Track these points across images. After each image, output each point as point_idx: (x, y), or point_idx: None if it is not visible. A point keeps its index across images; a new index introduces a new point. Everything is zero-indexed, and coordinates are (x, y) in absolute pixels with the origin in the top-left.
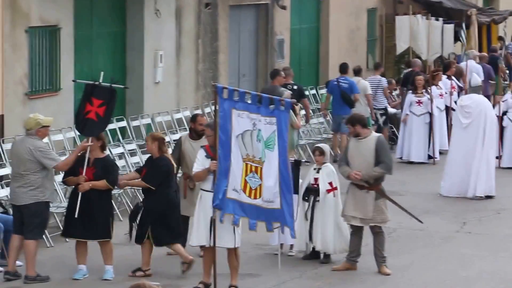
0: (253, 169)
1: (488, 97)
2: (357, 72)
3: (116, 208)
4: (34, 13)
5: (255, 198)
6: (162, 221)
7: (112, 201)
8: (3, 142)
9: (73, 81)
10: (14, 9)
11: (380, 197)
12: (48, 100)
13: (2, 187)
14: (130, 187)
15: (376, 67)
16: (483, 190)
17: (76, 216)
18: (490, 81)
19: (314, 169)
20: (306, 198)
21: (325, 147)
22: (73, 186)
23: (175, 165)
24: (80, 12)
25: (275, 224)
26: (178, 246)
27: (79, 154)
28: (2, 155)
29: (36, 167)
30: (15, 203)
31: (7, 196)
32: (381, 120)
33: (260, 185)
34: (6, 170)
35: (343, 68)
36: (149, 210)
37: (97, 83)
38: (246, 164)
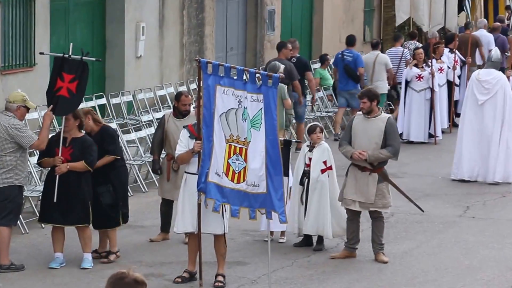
0: (237, 150)
1: (502, 70)
2: (375, 45)
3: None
4: None
5: (238, 182)
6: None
7: (90, 184)
8: None
9: (40, 53)
10: None
11: (382, 180)
12: (22, 76)
13: None
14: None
15: (396, 39)
16: (501, 176)
17: (54, 200)
18: (505, 53)
19: (307, 146)
20: (302, 181)
21: (320, 125)
22: (49, 168)
23: None
24: None
25: (260, 211)
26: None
27: (51, 128)
28: None
29: (11, 146)
30: None
31: None
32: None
33: (244, 167)
34: None
35: (350, 41)
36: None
37: (66, 55)
38: (230, 146)
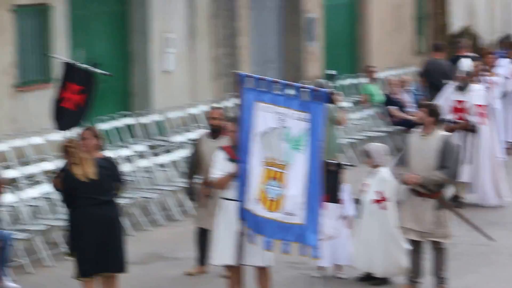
0: (275, 175)
1: None
2: (438, 49)
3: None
4: None
5: (273, 211)
6: None
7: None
8: None
9: (45, 55)
10: None
11: (441, 207)
12: (39, 93)
13: None
14: None
15: (437, 48)
16: None
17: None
18: None
19: (371, 172)
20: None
21: (375, 147)
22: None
23: None
24: None
25: (293, 245)
26: None
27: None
28: None
29: None
30: None
31: None
32: None
33: (281, 194)
34: None
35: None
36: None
37: (72, 62)
38: (267, 169)
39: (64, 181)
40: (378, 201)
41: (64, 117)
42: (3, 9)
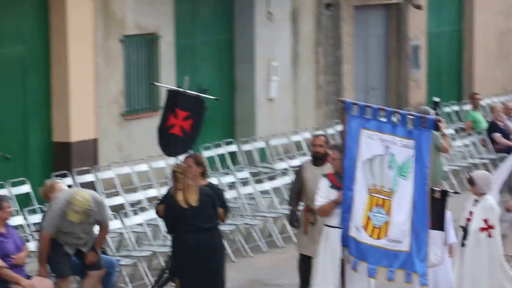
0: (380, 202)
1: None
2: None
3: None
4: (130, 19)
5: (378, 238)
6: None
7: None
8: (97, 171)
9: (151, 83)
10: (107, 15)
11: None
12: (146, 121)
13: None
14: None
15: None
16: None
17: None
18: None
19: (474, 200)
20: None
21: (478, 175)
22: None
23: None
24: (182, 18)
25: (397, 272)
26: None
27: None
28: (97, 185)
29: None
30: None
31: None
32: None
33: (386, 222)
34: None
35: None
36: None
37: (181, 89)
38: (371, 197)
39: (166, 206)
40: (484, 229)
41: (172, 143)
42: (114, 39)
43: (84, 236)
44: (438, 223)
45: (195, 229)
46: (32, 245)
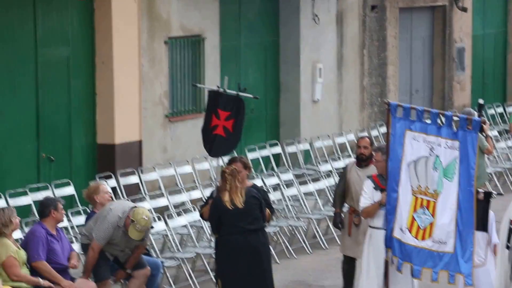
0: (425, 203)
1: None
2: None
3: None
4: (175, 21)
5: (423, 239)
6: None
7: None
8: (141, 172)
9: (193, 85)
10: (152, 17)
11: None
12: (191, 123)
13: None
14: None
15: None
16: None
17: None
18: None
19: None
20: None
21: None
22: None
23: None
24: (227, 19)
25: (441, 274)
26: None
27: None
28: (141, 186)
29: None
30: None
31: None
32: None
33: (431, 223)
34: (146, 204)
35: None
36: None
37: (221, 90)
38: (416, 198)
39: (212, 206)
40: None
41: (216, 144)
42: (159, 41)
43: (127, 250)
44: (481, 224)
45: (240, 230)
46: (75, 247)
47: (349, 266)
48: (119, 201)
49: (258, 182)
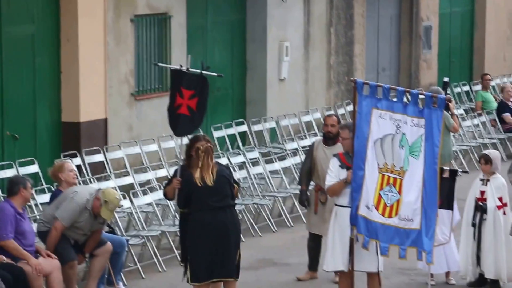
0: (391, 181)
1: None
2: None
3: None
4: None
5: (389, 216)
6: None
7: None
8: (107, 151)
9: (155, 64)
10: None
11: None
12: (157, 101)
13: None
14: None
15: None
16: None
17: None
18: None
19: (481, 180)
20: (473, 218)
21: (493, 153)
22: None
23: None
24: None
25: (410, 250)
26: None
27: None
28: (107, 165)
29: None
30: None
31: None
32: None
33: (398, 200)
34: (111, 183)
35: None
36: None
37: (184, 69)
38: (383, 176)
39: (182, 181)
40: (500, 207)
41: (180, 123)
42: (125, 19)
43: (89, 234)
44: (447, 202)
45: (209, 207)
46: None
47: (314, 244)
48: (82, 185)
49: (224, 161)
